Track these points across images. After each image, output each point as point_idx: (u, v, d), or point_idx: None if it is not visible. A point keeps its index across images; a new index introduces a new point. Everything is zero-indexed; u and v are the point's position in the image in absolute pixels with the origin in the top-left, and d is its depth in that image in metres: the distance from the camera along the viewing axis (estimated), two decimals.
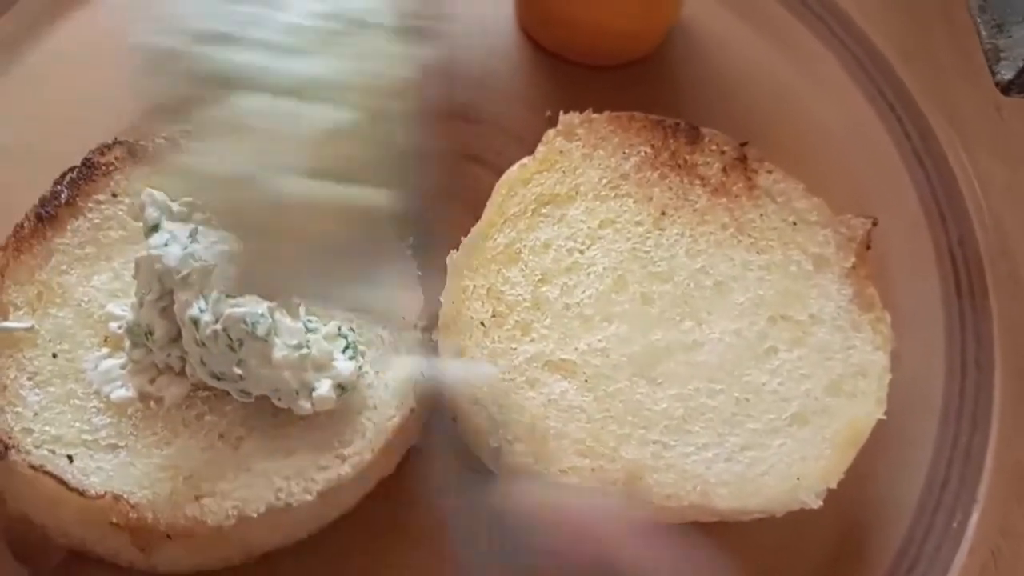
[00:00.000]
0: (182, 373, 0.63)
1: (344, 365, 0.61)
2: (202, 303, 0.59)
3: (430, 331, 0.66)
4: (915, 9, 0.92)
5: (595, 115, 0.72)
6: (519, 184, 0.69)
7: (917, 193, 0.83)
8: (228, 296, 0.59)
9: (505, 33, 0.89)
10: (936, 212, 0.81)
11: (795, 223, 0.69)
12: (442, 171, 0.82)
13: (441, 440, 0.69)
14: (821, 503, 0.59)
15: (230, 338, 0.59)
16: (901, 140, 0.86)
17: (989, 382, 0.72)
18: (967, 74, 0.90)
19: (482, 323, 0.63)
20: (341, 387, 0.61)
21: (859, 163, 0.84)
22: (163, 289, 0.61)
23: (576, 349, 0.63)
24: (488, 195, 0.73)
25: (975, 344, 0.75)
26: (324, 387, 0.60)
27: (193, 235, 0.63)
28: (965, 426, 0.71)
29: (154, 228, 0.63)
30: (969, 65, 0.90)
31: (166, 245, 0.61)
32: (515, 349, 0.63)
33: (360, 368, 0.62)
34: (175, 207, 0.64)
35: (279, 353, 0.59)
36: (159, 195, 0.64)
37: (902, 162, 0.84)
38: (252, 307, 0.59)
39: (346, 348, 0.63)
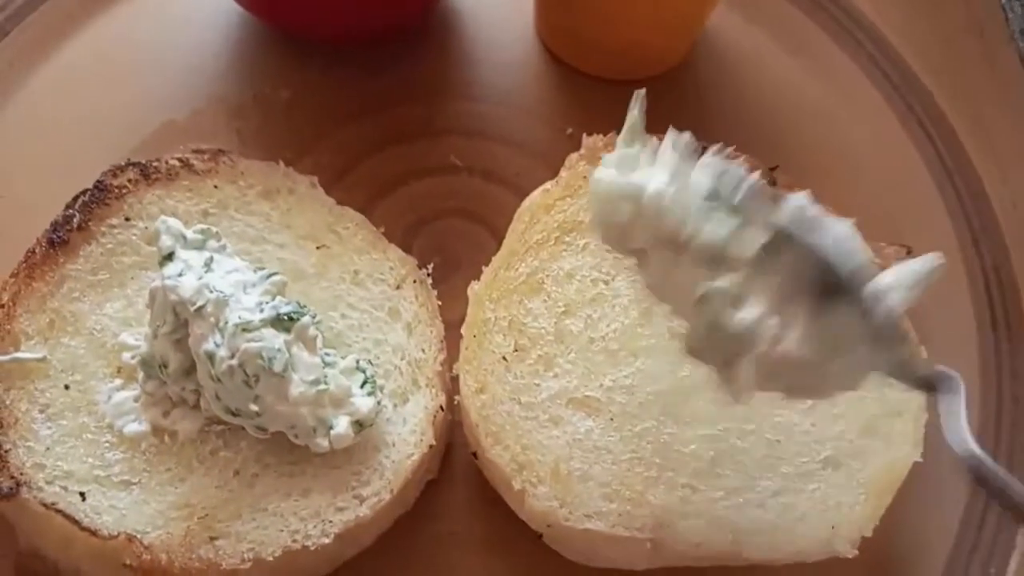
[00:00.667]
0: (196, 406, 0.61)
1: (362, 401, 0.60)
2: (218, 337, 0.57)
3: (451, 363, 0.65)
4: (946, 24, 0.90)
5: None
6: (541, 211, 0.67)
7: (950, 216, 0.80)
8: (244, 330, 0.57)
9: (525, 46, 0.87)
10: (969, 236, 0.79)
11: None
12: (462, 191, 0.80)
13: (460, 473, 0.67)
14: (856, 551, 0.57)
15: (246, 373, 0.57)
16: (932, 159, 0.83)
17: None
18: (1000, 89, 0.87)
19: (504, 357, 0.61)
20: (359, 424, 0.59)
21: (890, 182, 0.81)
22: (177, 321, 0.60)
23: (601, 386, 0.61)
24: (509, 216, 0.71)
25: (1011, 379, 0.72)
26: (342, 424, 0.59)
27: (208, 264, 0.61)
28: (1001, 464, 0.68)
29: (168, 257, 0.61)
30: (1002, 79, 0.88)
31: (180, 275, 0.60)
32: (538, 385, 0.61)
33: (379, 404, 0.61)
34: (190, 234, 0.62)
35: (296, 389, 0.58)
36: (173, 222, 0.62)
37: (933, 182, 0.82)
38: (269, 341, 0.58)
39: (364, 383, 0.61)
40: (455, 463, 0.67)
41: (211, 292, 0.59)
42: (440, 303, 0.67)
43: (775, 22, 0.88)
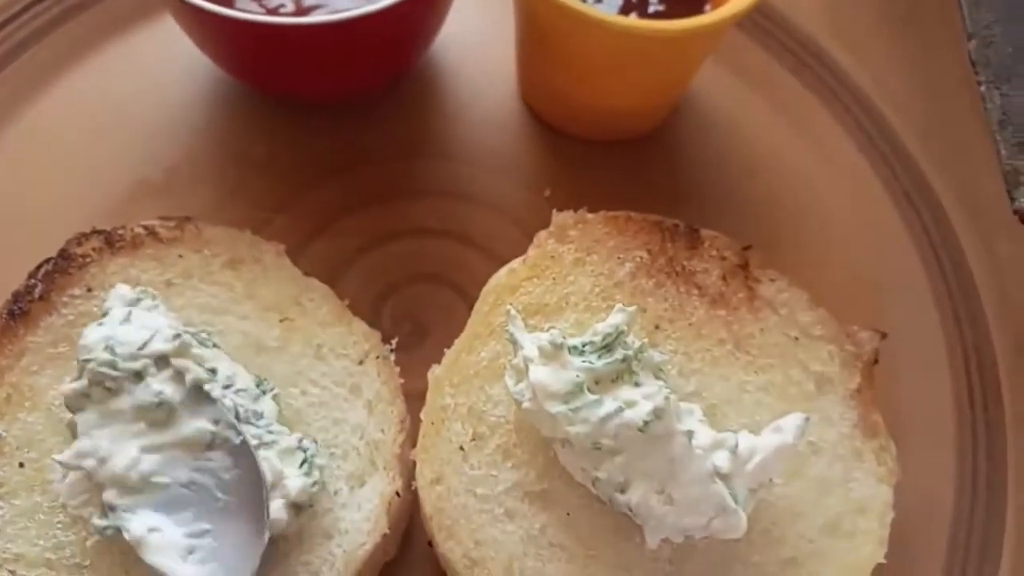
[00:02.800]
0: None
1: (294, 483, 0.58)
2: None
3: (413, 439, 0.64)
4: (935, 85, 0.88)
5: (590, 215, 0.69)
6: (506, 292, 0.66)
7: (932, 291, 0.78)
8: None
9: (507, 107, 0.85)
10: (951, 314, 0.77)
11: (797, 338, 0.66)
12: (435, 254, 0.79)
13: (420, 553, 0.66)
14: None
15: None
16: (918, 231, 0.81)
17: (1002, 504, 0.69)
18: (987, 152, 0.85)
19: (461, 447, 0.60)
20: (296, 506, 0.58)
21: (872, 255, 0.80)
22: None
23: (559, 478, 0.60)
24: (480, 281, 0.70)
25: (986, 460, 0.71)
26: (275, 507, 0.57)
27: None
28: (973, 557, 0.67)
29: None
30: (990, 142, 0.86)
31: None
32: (495, 476, 0.60)
33: (314, 485, 0.59)
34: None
35: None
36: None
37: (918, 255, 0.80)
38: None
39: (303, 463, 0.60)
40: (415, 542, 0.66)
41: None
42: (404, 376, 0.66)
43: (762, 83, 0.87)
